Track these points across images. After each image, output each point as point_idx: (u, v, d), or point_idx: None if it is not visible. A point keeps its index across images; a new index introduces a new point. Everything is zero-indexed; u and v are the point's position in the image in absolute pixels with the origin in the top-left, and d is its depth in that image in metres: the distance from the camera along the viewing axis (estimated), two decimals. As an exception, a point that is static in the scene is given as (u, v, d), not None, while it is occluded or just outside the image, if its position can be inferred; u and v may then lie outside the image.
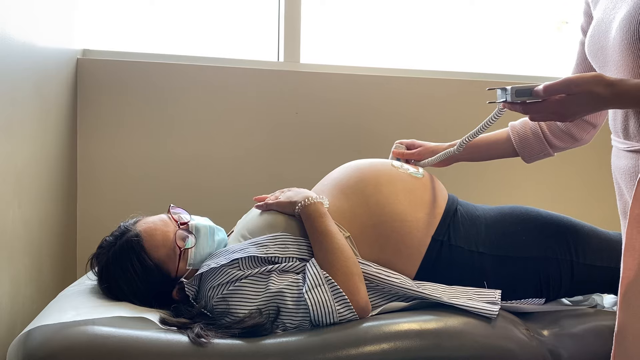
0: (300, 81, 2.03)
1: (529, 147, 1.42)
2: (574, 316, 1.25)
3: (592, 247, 1.30)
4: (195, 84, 1.96)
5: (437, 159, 1.43)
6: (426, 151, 1.49)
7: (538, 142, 1.41)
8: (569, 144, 1.40)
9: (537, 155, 1.43)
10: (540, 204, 1.57)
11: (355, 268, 1.19)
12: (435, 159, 1.43)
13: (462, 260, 1.28)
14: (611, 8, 1.11)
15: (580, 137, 1.38)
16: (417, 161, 1.50)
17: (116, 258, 1.25)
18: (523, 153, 1.43)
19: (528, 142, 1.42)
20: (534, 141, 1.41)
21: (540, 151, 1.42)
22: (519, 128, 1.43)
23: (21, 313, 1.38)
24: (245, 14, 2.15)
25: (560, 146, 1.41)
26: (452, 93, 2.14)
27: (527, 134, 1.41)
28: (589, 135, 1.38)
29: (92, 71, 1.89)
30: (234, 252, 1.22)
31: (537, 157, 1.44)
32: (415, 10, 2.28)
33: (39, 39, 1.50)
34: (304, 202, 1.26)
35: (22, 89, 1.39)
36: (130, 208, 1.45)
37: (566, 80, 1.01)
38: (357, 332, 1.10)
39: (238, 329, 1.10)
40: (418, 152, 1.50)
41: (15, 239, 1.34)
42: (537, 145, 1.41)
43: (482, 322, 1.15)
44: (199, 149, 1.97)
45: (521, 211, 1.35)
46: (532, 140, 1.41)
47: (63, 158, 1.75)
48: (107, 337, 1.03)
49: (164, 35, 2.09)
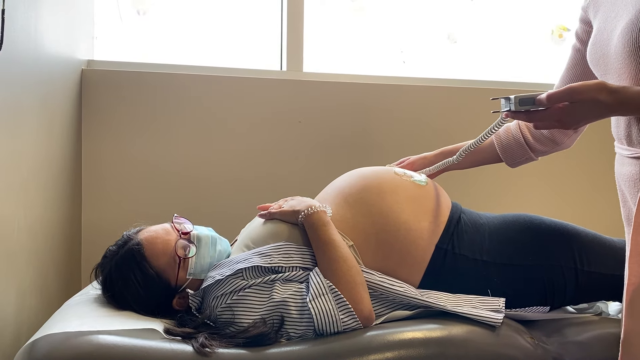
0: (304, 90, 2.04)
1: (511, 152, 1.44)
2: (579, 324, 1.24)
3: (596, 255, 1.29)
4: (199, 93, 1.97)
5: (436, 168, 1.45)
6: (417, 159, 1.52)
7: (520, 147, 1.43)
8: (551, 148, 1.43)
9: (520, 160, 1.45)
10: (544, 211, 1.57)
11: (359, 277, 1.19)
12: (435, 168, 1.45)
13: (466, 268, 1.28)
14: (612, 17, 1.11)
15: (561, 142, 1.40)
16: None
17: (118, 267, 1.26)
18: (506, 158, 1.46)
19: (510, 148, 1.44)
20: (516, 146, 1.43)
21: (522, 156, 1.44)
22: (501, 134, 1.45)
23: (26, 323, 1.39)
24: (248, 23, 2.16)
25: (542, 150, 1.43)
26: (455, 101, 2.14)
27: (510, 139, 1.44)
28: (570, 139, 1.41)
29: (96, 81, 1.90)
30: (238, 263, 1.22)
31: (520, 162, 1.46)
32: (417, 18, 2.29)
33: (45, 50, 1.52)
34: (307, 211, 1.26)
35: (28, 99, 1.40)
36: (134, 217, 1.45)
37: (569, 88, 1.01)
38: (361, 341, 1.10)
39: (242, 338, 1.10)
40: (408, 162, 1.53)
41: (20, 248, 1.35)
42: (519, 150, 1.43)
43: (486, 330, 1.15)
44: (203, 157, 1.98)
45: (525, 219, 1.35)
46: (514, 146, 1.43)
47: (68, 167, 1.76)
48: (112, 347, 1.03)
49: (168, 46, 2.10)
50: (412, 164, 1.52)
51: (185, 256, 1.27)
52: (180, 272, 1.26)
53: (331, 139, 2.06)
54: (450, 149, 1.50)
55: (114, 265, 1.26)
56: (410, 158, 1.54)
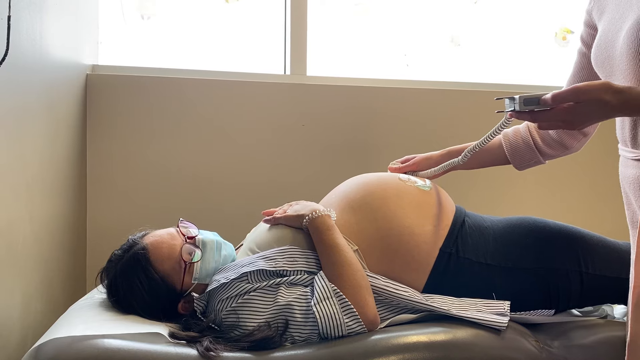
0: (307, 93, 2.05)
1: (520, 155, 1.43)
2: (584, 327, 1.24)
3: (601, 258, 1.29)
4: (203, 97, 1.98)
5: (441, 169, 1.43)
6: (421, 160, 1.50)
7: (529, 150, 1.42)
8: (560, 152, 1.42)
9: (528, 163, 1.44)
10: (548, 214, 1.57)
11: (364, 281, 1.19)
12: (440, 168, 1.44)
13: (470, 272, 1.28)
14: (618, 18, 1.11)
15: (570, 146, 1.39)
16: (417, 172, 1.50)
17: (123, 271, 1.26)
18: (514, 160, 1.44)
19: (519, 150, 1.43)
20: (525, 149, 1.42)
21: (530, 159, 1.43)
22: (510, 136, 1.44)
23: (32, 327, 1.39)
24: (252, 27, 2.17)
25: (550, 154, 1.42)
26: (459, 104, 2.14)
27: (519, 142, 1.43)
28: (580, 143, 1.40)
29: (101, 86, 1.91)
30: (243, 266, 1.23)
31: (528, 165, 1.45)
32: (420, 22, 2.29)
33: (50, 55, 1.53)
34: (311, 215, 1.26)
35: (33, 104, 1.41)
36: (139, 221, 1.46)
37: (574, 88, 1.01)
38: (365, 344, 1.10)
39: (247, 342, 1.11)
40: (413, 162, 1.51)
41: (26, 252, 1.36)
42: (528, 153, 1.42)
43: (491, 334, 1.15)
44: (207, 162, 1.99)
45: (529, 222, 1.35)
46: (523, 148, 1.42)
47: (73, 171, 1.77)
48: (117, 351, 1.04)
49: (172, 50, 2.11)
50: (416, 163, 1.50)
51: (191, 261, 1.27)
52: (186, 277, 1.27)
53: (335, 142, 2.07)
54: (457, 148, 1.48)
55: (119, 269, 1.27)
56: (415, 157, 1.52)
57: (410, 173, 1.49)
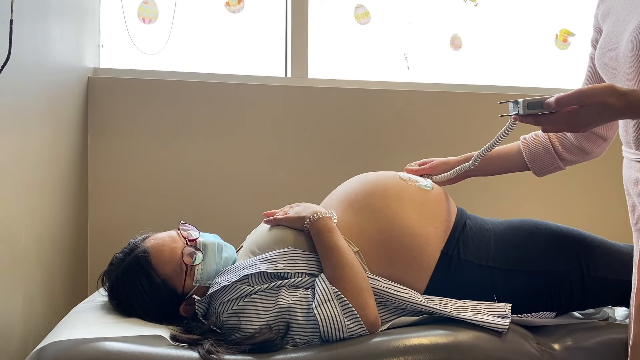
0: (308, 96, 2.05)
1: (539, 161, 1.41)
2: (586, 329, 1.24)
3: (602, 260, 1.29)
4: (204, 100, 1.98)
5: (453, 173, 1.41)
6: (439, 164, 1.48)
7: (549, 156, 1.40)
8: (580, 158, 1.39)
9: (548, 169, 1.42)
10: (550, 216, 1.56)
11: (365, 283, 1.19)
12: (451, 173, 1.42)
13: (471, 274, 1.28)
14: (621, 20, 1.11)
15: (591, 151, 1.37)
16: (432, 175, 1.49)
17: (125, 274, 1.26)
18: (534, 166, 1.42)
19: (539, 156, 1.41)
20: (545, 155, 1.40)
21: (550, 164, 1.41)
22: (529, 142, 1.42)
23: (34, 330, 1.40)
24: (253, 30, 2.17)
25: (571, 159, 1.40)
26: (460, 106, 2.14)
27: (538, 147, 1.41)
28: (600, 148, 1.37)
29: (102, 89, 1.91)
30: (244, 269, 1.23)
31: (548, 171, 1.43)
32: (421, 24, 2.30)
33: (51, 58, 1.53)
34: (312, 217, 1.26)
35: (36, 107, 1.41)
36: (140, 224, 1.46)
37: (578, 91, 1.00)
38: (367, 347, 1.10)
39: (248, 344, 1.11)
40: (430, 165, 1.49)
41: (27, 255, 1.36)
42: (548, 159, 1.40)
43: (492, 336, 1.15)
44: (208, 164, 1.99)
45: (530, 224, 1.34)
46: (543, 154, 1.40)
47: (74, 174, 1.77)
48: (118, 354, 1.03)
49: (173, 53, 2.11)
50: (433, 167, 1.49)
51: (192, 263, 1.27)
52: (187, 280, 1.27)
53: (336, 144, 2.07)
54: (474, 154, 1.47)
55: (121, 272, 1.27)
56: (433, 160, 1.50)
57: (426, 176, 1.48)
